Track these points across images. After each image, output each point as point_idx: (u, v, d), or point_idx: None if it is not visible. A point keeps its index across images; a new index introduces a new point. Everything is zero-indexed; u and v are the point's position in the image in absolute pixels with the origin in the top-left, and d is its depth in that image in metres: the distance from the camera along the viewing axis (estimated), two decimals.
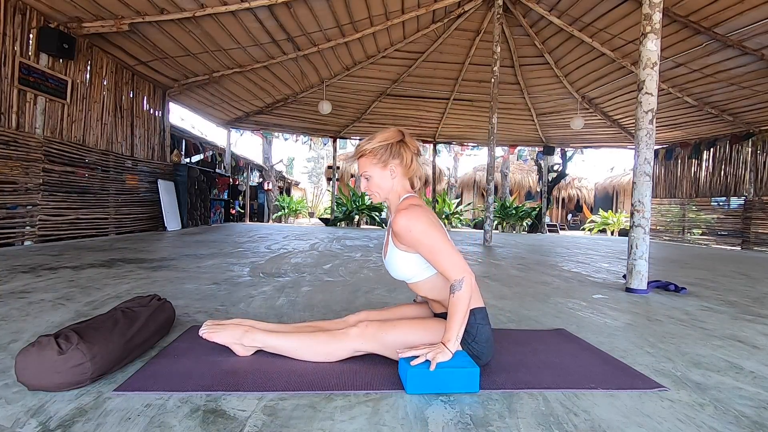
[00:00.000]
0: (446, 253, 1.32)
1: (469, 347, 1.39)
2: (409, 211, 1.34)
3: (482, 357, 1.40)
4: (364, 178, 1.48)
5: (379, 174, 1.45)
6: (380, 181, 1.46)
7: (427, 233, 1.32)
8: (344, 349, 1.41)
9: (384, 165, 1.44)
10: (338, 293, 2.63)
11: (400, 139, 1.46)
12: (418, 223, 1.32)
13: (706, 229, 10.12)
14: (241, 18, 6.36)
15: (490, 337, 1.42)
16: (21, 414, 1.02)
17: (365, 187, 1.49)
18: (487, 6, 8.07)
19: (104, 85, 6.30)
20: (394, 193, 1.48)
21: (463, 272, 1.28)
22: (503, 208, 13.93)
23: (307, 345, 1.42)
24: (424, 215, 1.35)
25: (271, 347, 1.44)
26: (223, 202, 11.11)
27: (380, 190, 1.48)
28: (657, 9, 3.11)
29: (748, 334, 2.03)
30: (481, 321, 1.42)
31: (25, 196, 4.80)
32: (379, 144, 1.44)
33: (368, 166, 1.45)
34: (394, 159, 1.44)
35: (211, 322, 1.49)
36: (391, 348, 1.39)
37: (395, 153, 1.45)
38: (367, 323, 1.42)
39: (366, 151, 1.45)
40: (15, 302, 2.07)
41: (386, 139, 1.45)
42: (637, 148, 3.13)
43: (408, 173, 1.47)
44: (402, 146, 1.46)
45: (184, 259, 3.88)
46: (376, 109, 11.24)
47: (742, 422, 1.12)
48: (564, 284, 3.35)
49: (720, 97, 8.27)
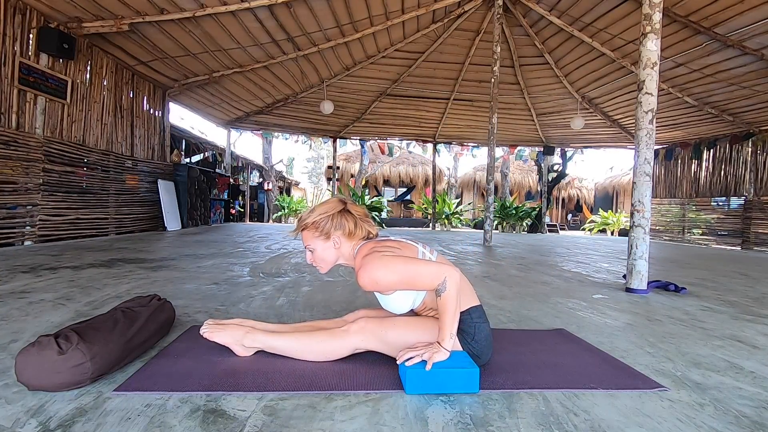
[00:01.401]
0: (419, 273, 1.30)
1: (469, 347, 1.39)
2: (365, 268, 1.32)
3: (482, 356, 1.40)
4: (308, 251, 1.47)
5: (321, 246, 1.45)
6: (323, 253, 1.46)
7: (392, 273, 1.30)
8: (344, 347, 1.41)
9: (326, 237, 1.44)
10: (338, 293, 2.63)
11: (342, 209, 1.46)
12: (378, 272, 1.30)
13: (706, 229, 10.12)
14: (241, 18, 6.36)
15: (488, 335, 1.42)
16: (21, 414, 1.02)
17: (310, 259, 1.49)
18: (487, 6, 8.07)
19: (104, 85, 6.30)
20: (347, 257, 1.48)
21: (442, 275, 1.27)
22: (503, 208, 13.93)
23: (307, 344, 1.42)
24: (378, 261, 1.32)
25: (272, 348, 1.44)
26: (223, 202, 11.11)
27: (323, 262, 1.48)
28: (657, 9, 3.11)
29: (748, 334, 2.03)
30: (478, 319, 1.42)
31: (25, 196, 4.80)
32: (320, 216, 1.43)
33: (310, 239, 1.45)
34: (336, 230, 1.44)
35: (213, 321, 1.49)
36: (390, 345, 1.39)
37: (337, 224, 1.44)
38: (366, 320, 1.42)
39: (307, 225, 1.44)
40: (15, 302, 2.07)
41: (326, 210, 1.44)
42: (637, 148, 3.13)
43: (354, 239, 1.46)
44: (344, 215, 1.45)
45: (184, 259, 3.88)
46: (376, 109, 11.25)
47: (742, 422, 1.12)
48: (564, 284, 3.35)
49: (720, 97, 8.27)
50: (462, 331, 1.40)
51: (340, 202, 1.48)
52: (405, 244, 1.47)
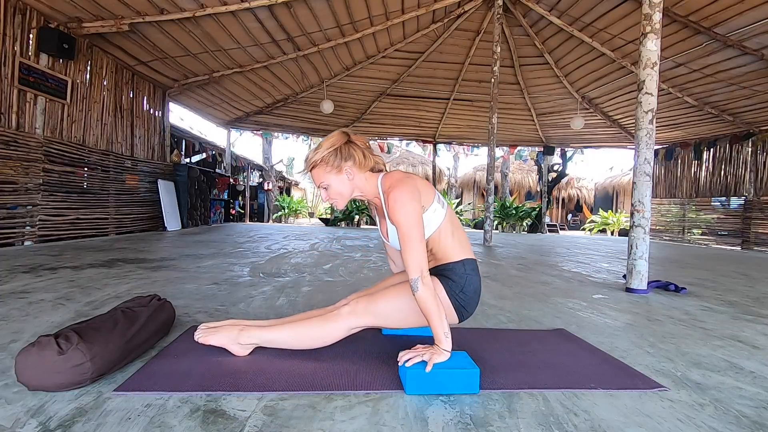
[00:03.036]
0: (415, 242, 1.30)
1: (455, 297, 1.40)
2: (397, 190, 1.32)
3: (468, 308, 1.42)
4: (322, 189, 1.46)
5: (336, 180, 1.43)
6: (339, 187, 1.44)
7: (407, 217, 1.30)
8: (339, 329, 1.40)
9: (339, 170, 1.42)
10: (338, 293, 2.63)
11: (347, 140, 1.44)
12: (406, 207, 1.31)
13: (706, 229, 10.12)
14: (241, 18, 6.36)
15: (478, 289, 1.44)
16: (21, 414, 1.02)
17: (326, 197, 1.47)
18: (487, 6, 8.07)
19: (104, 85, 6.30)
20: (364, 189, 1.47)
21: (422, 270, 1.28)
22: (503, 208, 13.93)
23: (302, 333, 1.41)
24: (410, 198, 1.32)
25: (268, 341, 1.43)
26: (223, 202, 11.11)
27: (340, 196, 1.46)
28: (657, 9, 3.11)
29: (748, 334, 2.03)
30: (471, 272, 1.43)
31: (25, 196, 4.80)
32: (328, 151, 1.41)
33: (323, 176, 1.43)
34: (346, 161, 1.42)
35: (205, 325, 1.48)
36: (384, 317, 1.40)
37: (346, 155, 1.42)
38: (357, 300, 1.43)
39: (317, 162, 1.42)
40: (15, 302, 2.07)
41: (333, 144, 1.42)
42: (637, 148, 3.13)
43: (364, 168, 1.45)
44: (351, 146, 1.43)
45: (184, 259, 3.88)
46: (376, 109, 11.24)
47: (742, 422, 1.12)
48: (564, 284, 3.35)
49: (720, 97, 8.27)
50: (451, 281, 1.42)
51: (344, 134, 1.46)
52: (425, 186, 1.45)
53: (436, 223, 1.44)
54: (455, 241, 1.48)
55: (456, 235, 1.49)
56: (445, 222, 1.47)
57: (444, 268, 1.47)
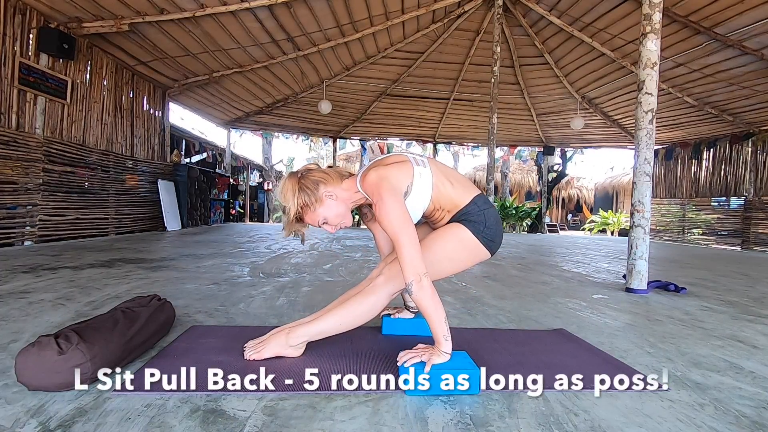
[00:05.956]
0: (408, 241, 1.28)
1: (482, 235, 1.44)
2: (377, 198, 1.32)
3: (496, 239, 1.47)
4: (323, 225, 1.45)
5: (326, 209, 1.43)
6: (333, 212, 1.44)
7: (393, 216, 1.30)
8: (380, 299, 1.42)
9: (320, 201, 1.42)
10: (338, 293, 2.61)
11: (299, 176, 1.44)
12: (388, 215, 1.29)
13: (706, 229, 10.11)
14: (241, 18, 6.36)
15: (497, 217, 1.49)
16: (21, 414, 1.02)
17: (332, 228, 1.47)
18: (487, 6, 8.07)
19: (104, 85, 6.30)
20: (352, 197, 1.47)
21: (417, 272, 1.26)
22: (503, 208, 13.92)
23: (347, 314, 1.41)
24: (393, 201, 1.31)
25: (317, 334, 1.42)
26: (223, 202, 11.11)
27: (341, 217, 1.46)
28: (657, 9, 3.11)
29: (748, 334, 2.03)
30: (484, 206, 1.46)
31: (25, 196, 4.80)
32: (297, 197, 1.40)
33: (314, 216, 1.43)
34: (318, 189, 1.42)
35: (252, 342, 1.45)
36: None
37: (312, 186, 1.42)
38: (387, 267, 1.44)
39: (299, 212, 1.42)
40: (15, 302, 2.07)
41: (293, 189, 1.41)
42: (637, 148, 3.13)
43: (336, 181, 1.45)
44: (307, 177, 1.43)
45: (184, 259, 3.88)
46: (376, 109, 11.25)
47: (742, 422, 1.12)
48: (564, 284, 3.35)
49: (720, 97, 8.27)
50: (472, 222, 1.44)
51: (292, 174, 1.45)
52: (398, 170, 1.42)
53: (428, 184, 1.44)
54: (456, 187, 1.49)
55: (453, 181, 1.50)
56: (437, 177, 1.47)
57: (460, 214, 1.48)
